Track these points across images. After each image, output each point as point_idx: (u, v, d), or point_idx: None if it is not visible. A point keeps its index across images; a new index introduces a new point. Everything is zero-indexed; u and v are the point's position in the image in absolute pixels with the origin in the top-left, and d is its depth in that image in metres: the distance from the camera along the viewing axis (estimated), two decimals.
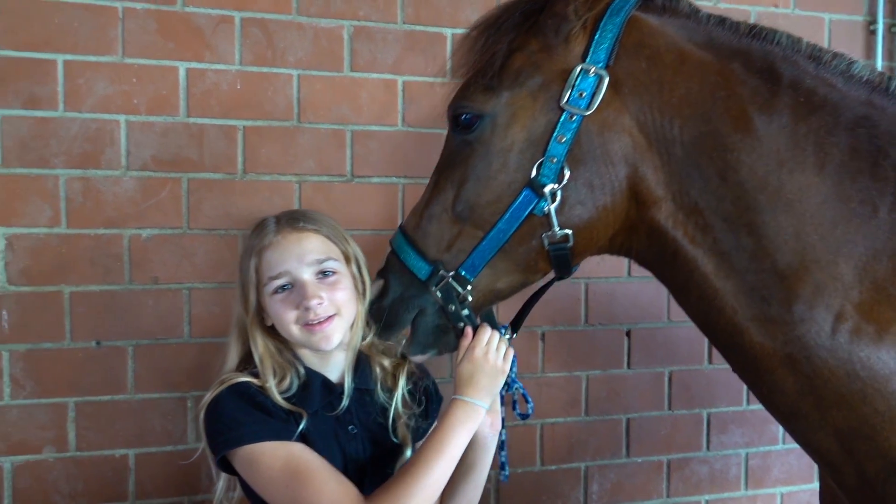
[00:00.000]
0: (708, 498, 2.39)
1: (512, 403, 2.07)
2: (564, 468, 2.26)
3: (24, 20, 1.82)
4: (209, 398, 1.35)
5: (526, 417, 2.05)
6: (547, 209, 1.21)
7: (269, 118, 1.98)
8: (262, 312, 1.43)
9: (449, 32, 2.09)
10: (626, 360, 2.28)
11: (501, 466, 2.05)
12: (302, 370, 1.41)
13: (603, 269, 2.23)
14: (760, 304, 1.17)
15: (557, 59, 1.22)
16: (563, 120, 1.20)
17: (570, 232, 1.23)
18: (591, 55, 1.20)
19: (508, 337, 1.40)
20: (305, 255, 1.38)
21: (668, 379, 2.32)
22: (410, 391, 1.49)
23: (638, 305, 2.27)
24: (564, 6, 1.20)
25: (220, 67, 1.94)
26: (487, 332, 1.34)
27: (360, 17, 2.03)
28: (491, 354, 1.32)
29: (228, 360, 1.43)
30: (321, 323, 1.36)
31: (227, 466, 1.35)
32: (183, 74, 1.92)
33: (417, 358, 1.39)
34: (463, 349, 1.33)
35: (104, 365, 1.91)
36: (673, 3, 1.25)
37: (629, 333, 2.28)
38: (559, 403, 2.24)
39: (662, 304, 2.28)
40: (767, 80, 1.18)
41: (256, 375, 1.37)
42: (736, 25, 1.22)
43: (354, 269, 1.44)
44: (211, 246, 1.96)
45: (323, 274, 1.39)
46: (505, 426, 1.52)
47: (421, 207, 1.34)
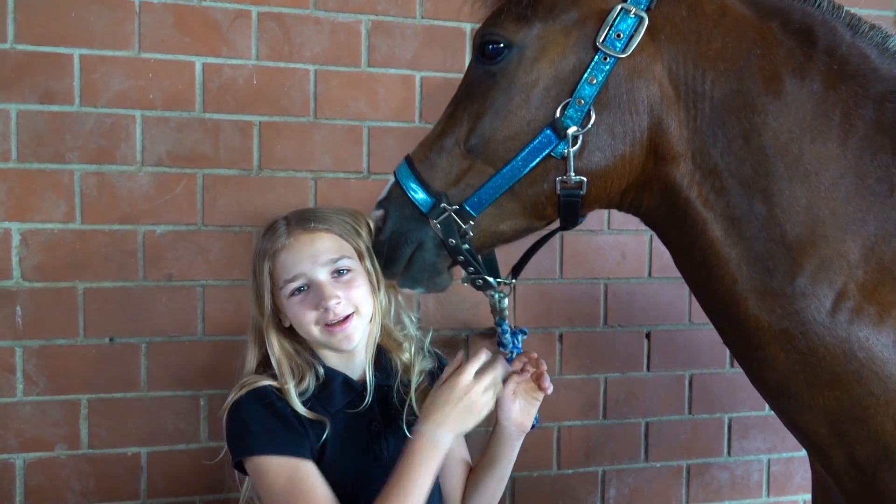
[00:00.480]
0: None
1: None
2: (581, 472, 2.22)
3: (40, 14, 1.80)
4: (230, 402, 1.35)
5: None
6: (566, 152, 1.17)
7: (285, 114, 1.96)
8: (278, 314, 1.42)
9: (468, 27, 2.05)
10: (645, 362, 2.24)
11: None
12: (321, 370, 1.40)
13: (623, 269, 2.19)
14: (763, 274, 1.14)
15: None
16: (596, 60, 1.16)
17: (584, 179, 1.19)
18: None
19: (506, 294, 1.35)
20: (319, 255, 1.37)
21: (688, 382, 2.28)
22: (429, 384, 1.47)
23: (658, 307, 2.23)
24: None
25: (236, 62, 1.92)
26: (481, 361, 1.27)
27: (378, 11, 2.00)
28: (476, 389, 1.23)
29: (247, 362, 1.43)
30: (341, 323, 1.35)
31: (244, 469, 1.35)
32: (199, 69, 1.90)
33: (406, 290, 1.35)
34: (446, 373, 1.27)
35: (117, 362, 1.89)
36: None
37: (649, 335, 2.24)
38: (576, 406, 2.20)
39: (684, 305, 2.24)
40: (804, 42, 1.15)
41: (276, 377, 1.36)
42: None
43: (368, 264, 1.42)
44: (225, 243, 1.93)
45: (338, 273, 1.38)
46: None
47: (431, 138, 1.28)
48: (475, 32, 1.27)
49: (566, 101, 1.17)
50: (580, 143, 1.17)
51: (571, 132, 1.16)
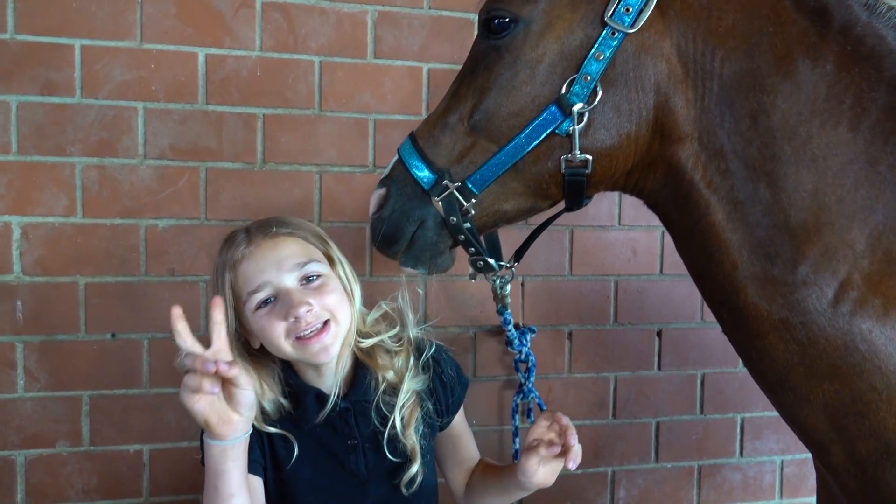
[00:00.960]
0: None
1: (527, 412, 2.02)
2: (590, 472, 2.18)
3: (40, 4, 1.77)
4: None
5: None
6: (571, 129, 1.14)
7: (289, 106, 1.92)
8: (245, 335, 1.31)
9: (477, 18, 2.00)
10: (656, 361, 2.19)
11: (515, 455, 1.99)
12: (290, 388, 1.32)
13: (634, 266, 2.15)
14: (764, 261, 1.11)
15: None
16: (603, 36, 1.12)
17: (590, 157, 1.16)
18: None
19: (509, 279, 1.36)
20: (284, 260, 1.27)
21: (700, 381, 2.23)
22: (421, 397, 1.39)
23: (670, 304, 2.18)
24: None
25: (240, 53, 1.88)
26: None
27: (384, 1, 1.96)
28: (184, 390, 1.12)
29: None
30: (318, 334, 1.25)
31: None
32: (202, 60, 1.87)
33: (408, 270, 1.30)
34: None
35: (119, 358, 1.86)
36: None
37: (660, 333, 2.19)
38: (586, 405, 2.16)
39: (696, 303, 2.19)
40: (818, 21, 1.11)
41: None
42: None
43: (340, 271, 1.34)
44: None
45: (307, 279, 1.28)
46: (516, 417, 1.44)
47: (436, 115, 1.25)
48: (480, 8, 1.24)
49: (572, 77, 1.14)
50: (586, 120, 1.14)
51: (577, 109, 1.13)
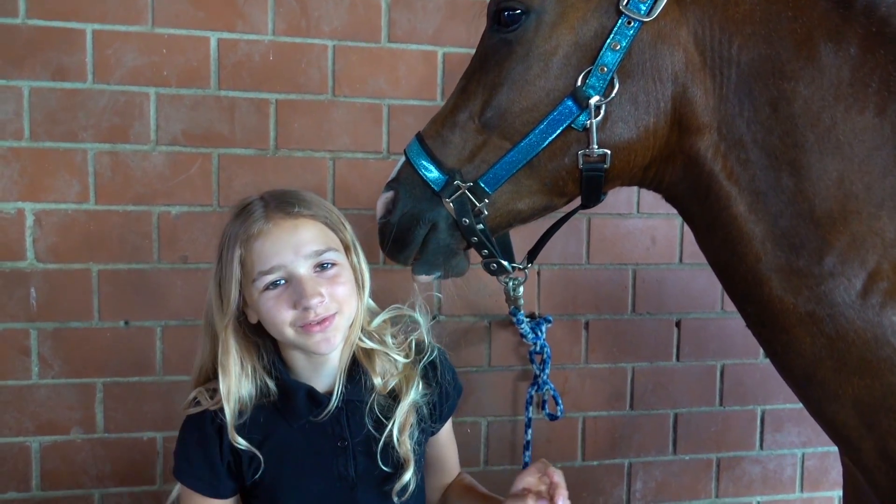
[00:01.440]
0: (760, 499, 2.25)
1: (542, 403, 1.99)
2: (607, 464, 2.15)
3: None
4: (184, 408, 1.28)
5: (555, 419, 1.95)
6: (588, 124, 1.11)
7: (302, 91, 1.89)
8: (243, 309, 1.25)
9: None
10: (675, 351, 2.15)
11: (526, 446, 1.96)
12: (278, 381, 1.26)
13: (652, 255, 2.11)
14: (789, 253, 1.07)
15: None
16: (619, 25, 1.09)
17: (608, 152, 1.12)
18: None
19: (522, 281, 1.32)
20: (302, 246, 1.19)
21: (719, 373, 2.19)
22: (419, 413, 1.32)
23: (689, 294, 2.14)
24: None
25: (252, 38, 1.86)
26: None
27: None
28: None
29: (199, 358, 1.28)
30: (321, 323, 1.18)
31: None
32: (214, 45, 1.84)
33: (422, 278, 1.24)
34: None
35: (132, 345, 1.86)
36: None
37: (679, 324, 2.15)
38: (602, 396, 2.12)
39: (716, 293, 2.14)
40: (840, 2, 1.06)
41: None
42: None
43: (354, 259, 1.28)
44: None
45: (321, 267, 1.22)
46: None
47: (444, 114, 1.21)
48: (490, 0, 1.19)
49: (588, 69, 1.10)
50: (603, 113, 1.10)
51: (594, 102, 1.10)
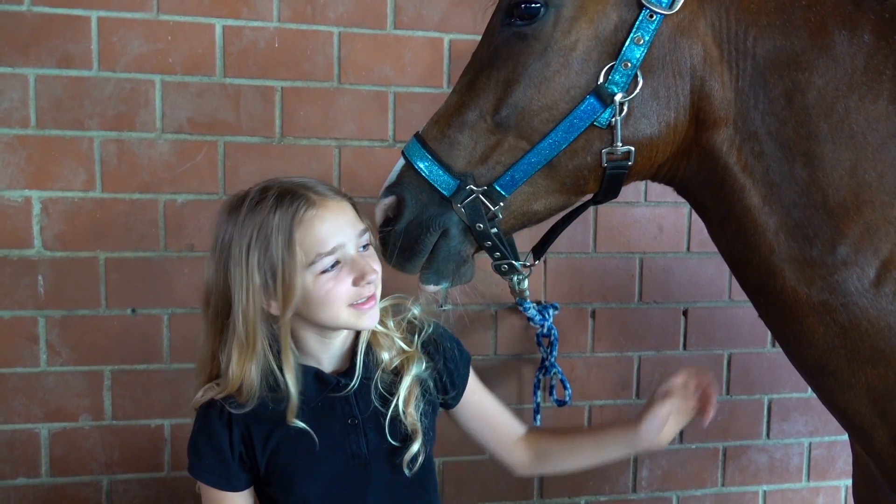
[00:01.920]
0: (766, 489, 2.25)
1: (549, 389, 1.99)
2: None
3: None
4: (194, 405, 1.28)
5: (563, 404, 1.95)
6: (613, 121, 1.08)
7: (308, 78, 1.88)
8: (268, 300, 1.21)
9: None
10: (682, 340, 2.15)
11: (536, 410, 1.97)
12: (287, 371, 1.23)
13: (660, 243, 2.09)
14: (802, 243, 1.07)
15: None
16: (641, 18, 1.07)
17: (632, 149, 1.11)
18: None
19: (526, 275, 1.31)
20: (350, 225, 1.19)
21: (726, 362, 2.18)
22: (423, 385, 1.32)
23: (696, 283, 2.13)
24: None
25: (257, 24, 1.85)
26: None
27: None
28: None
29: (203, 353, 1.29)
30: (368, 300, 1.19)
31: None
32: (219, 32, 1.83)
33: (430, 288, 1.22)
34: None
35: (139, 333, 1.86)
36: None
37: (686, 312, 2.14)
38: (609, 385, 2.12)
39: (724, 282, 2.13)
40: None
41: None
42: None
43: (374, 240, 1.29)
44: None
45: (363, 247, 1.22)
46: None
47: (448, 113, 1.16)
48: None
49: (610, 64, 1.08)
50: (626, 110, 1.09)
51: (619, 99, 1.07)
